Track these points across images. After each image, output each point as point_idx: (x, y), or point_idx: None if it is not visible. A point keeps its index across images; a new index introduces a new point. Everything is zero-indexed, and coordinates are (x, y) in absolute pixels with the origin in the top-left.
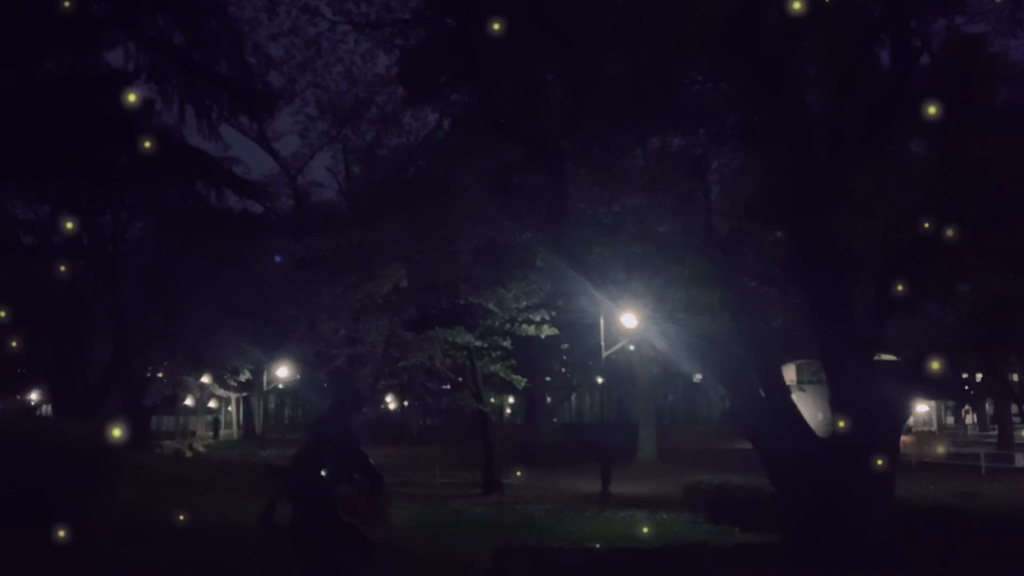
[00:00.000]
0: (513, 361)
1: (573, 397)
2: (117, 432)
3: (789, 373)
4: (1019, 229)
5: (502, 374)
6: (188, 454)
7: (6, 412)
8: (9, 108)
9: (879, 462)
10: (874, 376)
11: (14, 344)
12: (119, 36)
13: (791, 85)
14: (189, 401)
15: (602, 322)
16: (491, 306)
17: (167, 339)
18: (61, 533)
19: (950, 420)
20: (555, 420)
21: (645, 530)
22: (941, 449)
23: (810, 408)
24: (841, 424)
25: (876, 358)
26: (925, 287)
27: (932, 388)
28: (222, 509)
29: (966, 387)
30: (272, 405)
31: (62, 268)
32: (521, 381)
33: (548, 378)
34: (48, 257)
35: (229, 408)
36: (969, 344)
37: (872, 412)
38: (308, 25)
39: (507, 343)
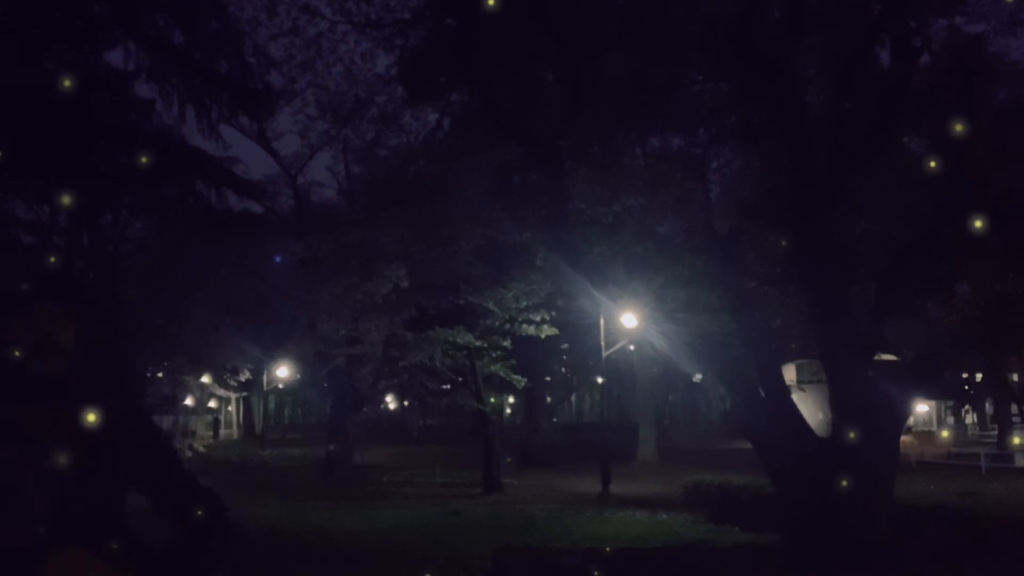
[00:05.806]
0: (513, 361)
1: (573, 397)
2: None
3: (789, 373)
4: (1019, 229)
5: (502, 374)
6: (188, 454)
7: None
8: (9, 108)
9: (879, 462)
10: (874, 376)
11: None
12: (119, 36)
13: (791, 85)
14: (189, 401)
15: (602, 322)
16: (491, 306)
17: (167, 339)
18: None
19: (950, 420)
20: (555, 420)
21: (645, 530)
22: (942, 448)
23: (810, 408)
24: (841, 424)
25: (876, 358)
26: (925, 287)
27: (932, 388)
28: None
29: (966, 387)
30: (272, 405)
31: (61, 267)
32: (521, 381)
33: (548, 378)
34: (48, 257)
35: (229, 408)
36: (969, 344)
37: (872, 412)
38: (308, 25)
39: (507, 343)
